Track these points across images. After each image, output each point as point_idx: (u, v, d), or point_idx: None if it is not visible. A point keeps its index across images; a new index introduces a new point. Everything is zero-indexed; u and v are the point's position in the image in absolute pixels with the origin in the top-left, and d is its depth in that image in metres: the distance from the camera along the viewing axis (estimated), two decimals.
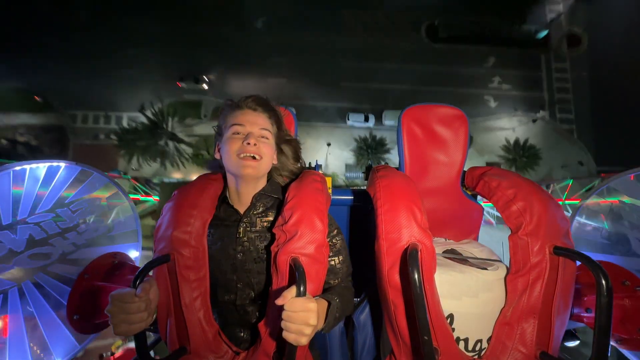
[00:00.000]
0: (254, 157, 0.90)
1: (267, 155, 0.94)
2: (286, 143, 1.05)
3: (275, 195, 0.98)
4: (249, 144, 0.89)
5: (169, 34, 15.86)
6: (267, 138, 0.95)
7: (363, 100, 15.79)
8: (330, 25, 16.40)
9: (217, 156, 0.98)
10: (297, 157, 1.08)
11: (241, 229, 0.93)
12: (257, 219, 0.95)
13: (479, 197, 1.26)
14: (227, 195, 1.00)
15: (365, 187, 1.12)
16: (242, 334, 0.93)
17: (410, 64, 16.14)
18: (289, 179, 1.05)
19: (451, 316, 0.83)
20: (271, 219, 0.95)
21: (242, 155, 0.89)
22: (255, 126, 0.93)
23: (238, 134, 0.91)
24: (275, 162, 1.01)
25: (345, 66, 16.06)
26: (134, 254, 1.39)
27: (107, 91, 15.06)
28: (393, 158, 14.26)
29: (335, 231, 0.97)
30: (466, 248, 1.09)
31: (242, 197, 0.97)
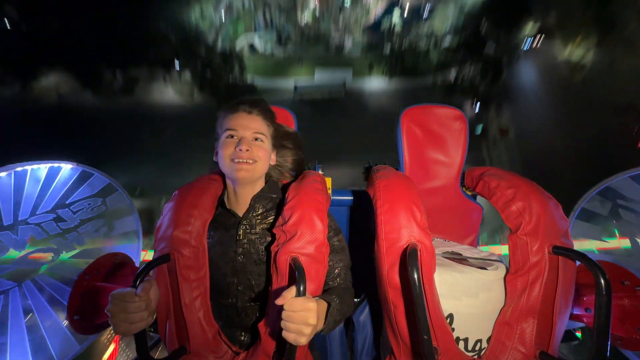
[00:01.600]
0: (247, 162, 0.90)
1: (262, 159, 0.93)
2: (285, 138, 1.05)
3: (274, 195, 0.99)
4: (240, 150, 0.89)
5: None
6: (261, 141, 0.95)
7: None
8: None
9: (215, 159, 0.98)
10: (298, 152, 1.08)
11: (241, 231, 0.93)
12: (257, 220, 0.95)
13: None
14: (225, 198, 1.00)
15: (364, 188, 1.13)
16: (242, 335, 0.93)
17: None
18: (290, 177, 1.05)
19: (451, 316, 0.83)
20: (271, 220, 0.95)
21: (235, 160, 0.90)
22: (248, 130, 0.93)
23: (232, 137, 0.92)
24: (273, 162, 1.01)
25: None
26: (134, 255, 1.40)
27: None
28: None
29: (335, 231, 0.98)
30: (466, 248, 1.09)
31: (241, 199, 0.97)
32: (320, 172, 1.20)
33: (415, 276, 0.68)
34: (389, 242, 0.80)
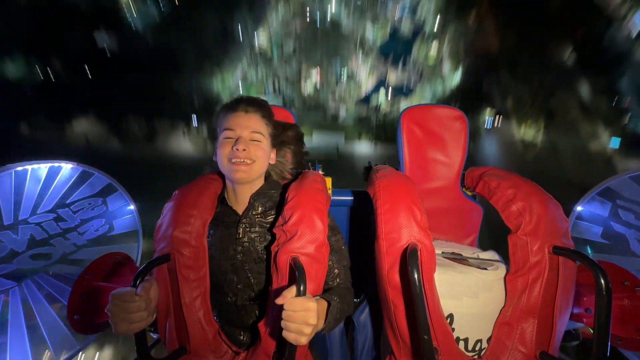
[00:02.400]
0: (245, 162, 0.90)
1: (260, 158, 0.93)
2: (285, 135, 1.05)
3: (274, 193, 0.99)
4: (237, 149, 0.89)
5: None
6: (259, 140, 0.94)
7: None
8: None
9: (214, 159, 0.98)
10: (298, 148, 1.08)
11: (240, 229, 0.94)
12: (257, 219, 0.95)
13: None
14: (226, 195, 1.00)
15: (364, 188, 1.13)
16: (242, 335, 0.93)
17: None
18: (291, 177, 1.05)
19: (451, 316, 0.83)
20: (271, 219, 0.95)
21: (233, 160, 0.89)
22: (246, 130, 0.92)
23: (229, 138, 0.92)
24: (272, 161, 1.01)
25: None
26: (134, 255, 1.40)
27: None
28: None
29: (335, 232, 0.98)
30: (466, 248, 1.10)
31: (240, 198, 0.97)
32: (320, 172, 1.20)
33: (416, 276, 0.68)
34: (389, 242, 0.80)
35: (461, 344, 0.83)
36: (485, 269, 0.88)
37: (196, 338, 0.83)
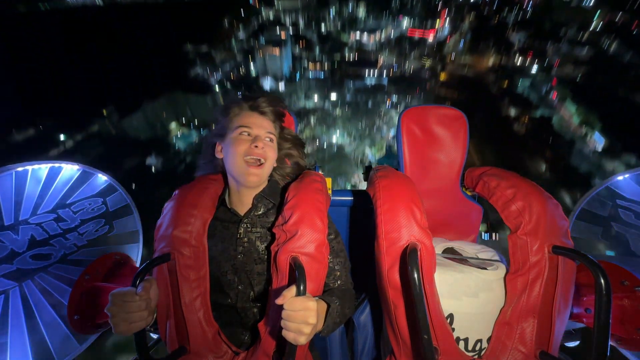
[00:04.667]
0: (258, 161, 0.91)
1: (271, 159, 0.95)
2: (288, 142, 1.05)
3: (275, 195, 0.99)
4: (257, 146, 0.90)
5: None
6: (272, 141, 0.97)
7: None
8: None
9: (219, 156, 0.98)
10: (299, 156, 1.09)
11: (242, 229, 0.94)
12: (258, 219, 0.95)
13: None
14: (227, 197, 1.00)
15: (365, 188, 1.13)
16: (241, 335, 0.93)
17: None
18: (290, 178, 1.05)
19: (451, 316, 0.83)
20: (272, 219, 0.95)
21: (247, 158, 0.90)
22: (262, 129, 0.94)
23: (246, 135, 0.92)
24: (275, 164, 1.01)
25: None
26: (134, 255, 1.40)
27: None
28: None
29: (334, 233, 0.98)
30: (466, 248, 1.10)
31: (244, 199, 0.97)
32: (320, 172, 1.20)
33: (416, 276, 0.68)
34: (389, 242, 0.80)
35: (461, 344, 0.83)
36: (485, 268, 0.88)
37: (196, 338, 0.83)
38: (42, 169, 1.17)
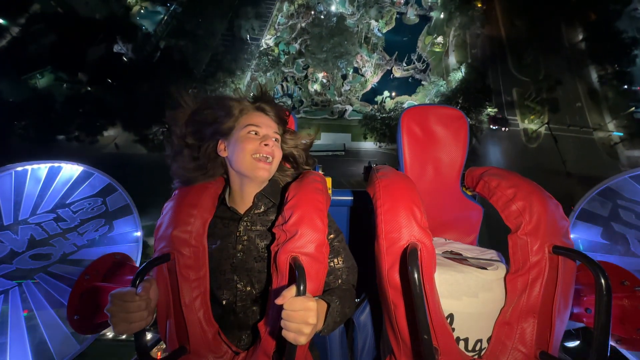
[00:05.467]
0: (267, 158, 0.93)
1: (277, 157, 0.97)
2: (290, 144, 1.06)
3: (276, 194, 0.99)
4: (267, 144, 0.92)
5: None
6: (278, 141, 0.99)
7: None
8: None
9: (222, 154, 0.97)
10: (304, 160, 1.09)
11: (242, 227, 0.94)
12: (258, 218, 0.96)
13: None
14: (227, 195, 1.00)
15: (364, 188, 1.13)
16: (241, 335, 0.93)
17: None
18: (291, 178, 1.06)
19: (451, 316, 0.83)
20: (272, 218, 0.95)
21: (256, 156, 0.91)
22: (270, 129, 0.97)
23: (254, 134, 0.94)
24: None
25: None
26: (134, 254, 1.40)
27: None
28: None
29: (335, 232, 0.98)
30: (466, 248, 1.10)
31: (246, 197, 0.97)
32: (320, 172, 1.20)
33: (416, 276, 0.68)
34: (389, 242, 0.80)
35: (461, 344, 0.83)
36: (485, 268, 0.88)
37: (196, 338, 0.83)
38: (42, 168, 1.17)
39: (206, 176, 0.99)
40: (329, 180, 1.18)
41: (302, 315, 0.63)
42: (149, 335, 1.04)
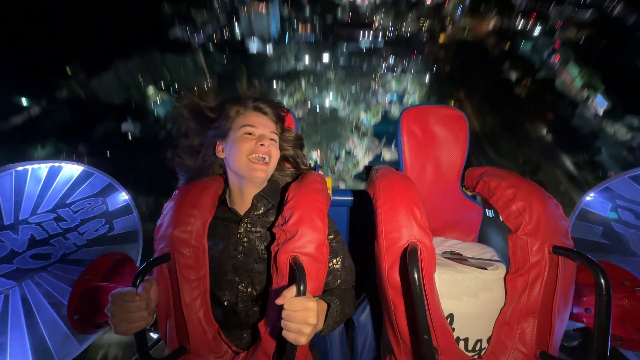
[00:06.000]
0: (263, 159, 0.92)
1: (275, 157, 0.96)
2: (289, 143, 1.06)
3: (276, 195, 0.99)
4: (262, 145, 0.92)
5: None
6: (275, 141, 0.98)
7: None
8: None
9: (220, 156, 0.98)
10: (302, 160, 1.09)
11: (242, 229, 0.94)
12: (258, 219, 0.96)
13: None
14: (227, 196, 1.00)
15: (364, 188, 1.13)
16: (242, 335, 0.93)
17: None
18: (291, 178, 1.06)
19: (451, 316, 0.83)
20: (272, 219, 0.95)
21: (252, 157, 0.91)
22: (267, 129, 0.96)
23: (250, 134, 0.93)
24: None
25: None
26: (134, 255, 1.40)
27: None
28: None
29: (334, 233, 0.98)
30: (466, 248, 1.10)
31: (245, 198, 0.97)
32: (320, 172, 1.20)
33: (416, 276, 0.68)
34: (389, 242, 0.80)
35: (461, 344, 0.83)
36: (485, 268, 0.88)
37: (196, 338, 0.83)
38: (42, 168, 1.17)
39: (207, 176, 1.02)
40: (329, 181, 1.18)
41: (303, 315, 0.63)
42: (149, 335, 1.04)
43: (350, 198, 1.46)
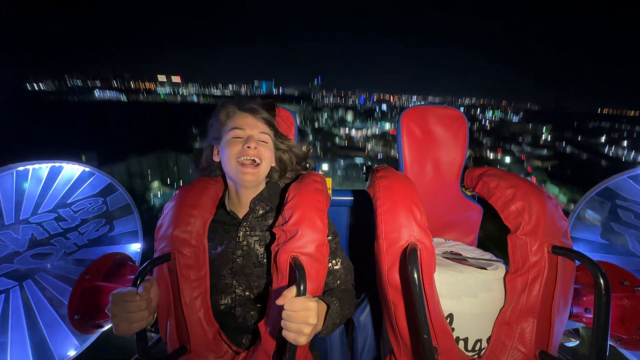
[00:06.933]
0: (254, 161, 0.91)
1: (266, 159, 0.94)
2: (285, 142, 1.04)
3: (275, 196, 0.99)
4: (249, 147, 0.90)
5: None
6: (266, 142, 0.95)
7: None
8: None
9: (216, 159, 0.98)
10: (299, 161, 1.07)
11: (241, 233, 0.94)
12: (257, 223, 0.95)
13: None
14: (227, 199, 1.00)
15: (364, 188, 1.13)
16: (242, 335, 0.93)
17: None
18: (290, 178, 1.05)
19: (451, 316, 0.83)
20: (270, 222, 0.95)
21: (241, 159, 0.89)
22: (255, 129, 0.94)
23: (238, 137, 0.92)
24: (273, 164, 1.01)
25: None
26: (134, 254, 1.40)
27: None
28: None
29: (332, 234, 0.98)
30: (465, 248, 1.10)
31: (243, 201, 0.97)
32: (320, 172, 1.21)
33: (415, 276, 0.68)
34: (389, 242, 0.80)
35: (461, 344, 0.83)
36: (485, 268, 0.88)
37: (196, 338, 0.83)
38: (43, 168, 1.17)
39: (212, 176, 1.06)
40: (329, 181, 1.18)
41: (303, 315, 0.64)
42: (149, 335, 1.05)
43: (350, 198, 1.46)
